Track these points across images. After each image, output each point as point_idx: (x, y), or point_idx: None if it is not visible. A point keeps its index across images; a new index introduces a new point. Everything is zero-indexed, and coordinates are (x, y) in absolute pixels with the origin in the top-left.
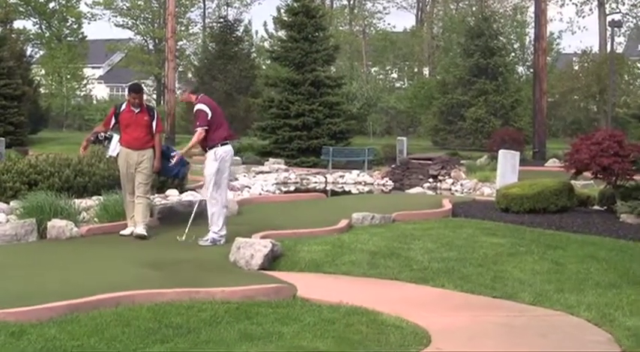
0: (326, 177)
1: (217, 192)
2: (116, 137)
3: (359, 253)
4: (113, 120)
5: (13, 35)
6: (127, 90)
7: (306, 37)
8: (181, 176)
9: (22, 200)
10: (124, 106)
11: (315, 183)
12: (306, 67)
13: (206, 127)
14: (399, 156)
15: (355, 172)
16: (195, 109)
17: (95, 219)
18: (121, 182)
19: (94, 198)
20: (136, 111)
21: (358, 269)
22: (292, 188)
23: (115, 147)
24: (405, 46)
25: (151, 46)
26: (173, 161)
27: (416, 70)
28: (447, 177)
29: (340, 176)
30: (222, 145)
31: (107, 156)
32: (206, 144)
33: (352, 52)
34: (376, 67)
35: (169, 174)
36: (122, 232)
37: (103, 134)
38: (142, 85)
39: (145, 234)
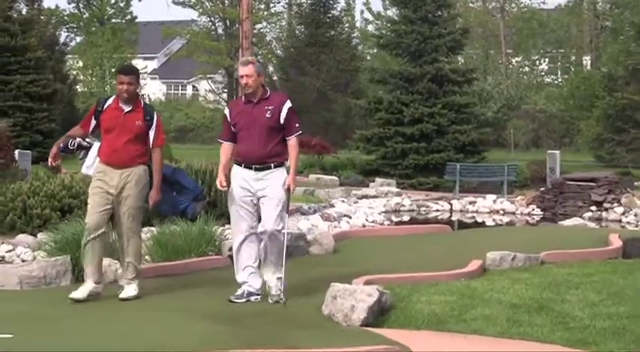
0: (451, 204)
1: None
2: (95, 148)
3: (495, 306)
4: (93, 120)
5: (42, 17)
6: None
7: (424, 18)
8: (191, 215)
9: (52, 231)
10: (110, 101)
11: (437, 211)
12: (424, 57)
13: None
14: (550, 177)
15: (491, 197)
16: (286, 108)
17: (147, 257)
18: (89, 211)
19: (145, 229)
20: (126, 109)
21: (494, 327)
22: (406, 218)
23: (92, 163)
24: (558, 28)
25: (220, 30)
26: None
27: (573, 59)
28: (615, 204)
29: (470, 202)
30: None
31: (81, 174)
32: (276, 157)
33: (487, 36)
34: (519, 56)
35: (173, 211)
36: (73, 295)
37: (76, 141)
38: (138, 69)
39: (136, 294)
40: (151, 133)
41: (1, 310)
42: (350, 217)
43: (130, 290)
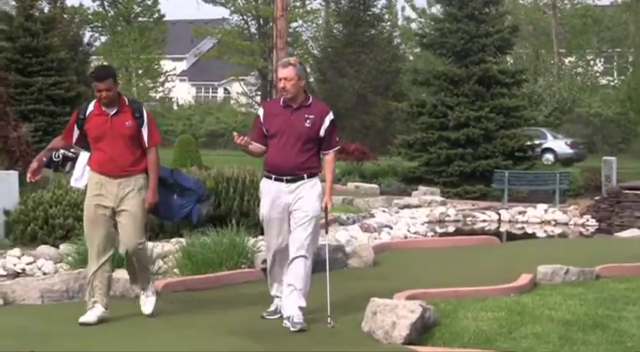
0: (499, 214)
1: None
2: (83, 157)
3: (547, 323)
4: (76, 130)
5: (65, 16)
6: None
7: (471, 15)
8: (197, 219)
9: (75, 242)
10: (91, 107)
11: (484, 221)
12: (471, 57)
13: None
14: (605, 185)
15: (542, 207)
16: (328, 120)
17: (175, 270)
18: (86, 232)
19: (174, 240)
20: (111, 112)
21: (545, 345)
22: (451, 229)
23: (82, 174)
24: (614, 26)
25: (253, 29)
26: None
27: (631, 59)
28: None
29: (520, 212)
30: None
31: (70, 188)
32: (309, 169)
33: (537, 35)
34: (572, 56)
35: (175, 216)
36: (83, 319)
37: (60, 153)
38: (113, 69)
39: (153, 311)
40: (144, 131)
41: (21, 326)
42: (391, 228)
43: (149, 305)
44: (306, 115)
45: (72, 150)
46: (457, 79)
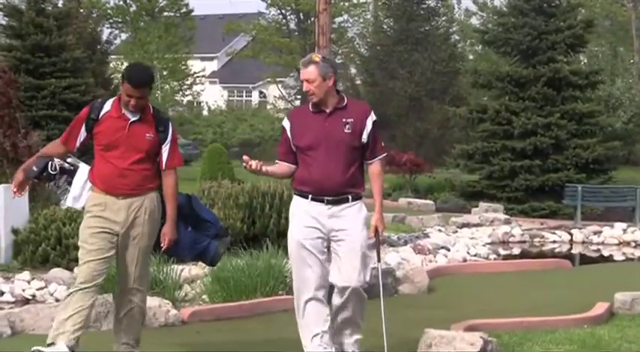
0: (571, 234)
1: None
2: (83, 170)
3: None
4: (83, 133)
5: (81, 11)
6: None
7: (539, 8)
8: (213, 257)
9: None
10: (107, 106)
11: (554, 242)
12: (539, 56)
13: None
14: None
15: (620, 226)
16: (370, 122)
17: (203, 297)
18: (84, 256)
19: (202, 264)
20: (132, 118)
21: None
22: (517, 251)
23: (81, 191)
24: None
25: (292, 25)
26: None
27: None
28: None
29: (595, 232)
30: None
31: (63, 207)
32: (355, 188)
33: (615, 31)
34: None
35: (187, 254)
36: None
37: (56, 163)
38: (153, 73)
39: None
40: (165, 150)
41: None
42: (448, 249)
43: None
44: (344, 119)
45: (68, 160)
46: (523, 81)
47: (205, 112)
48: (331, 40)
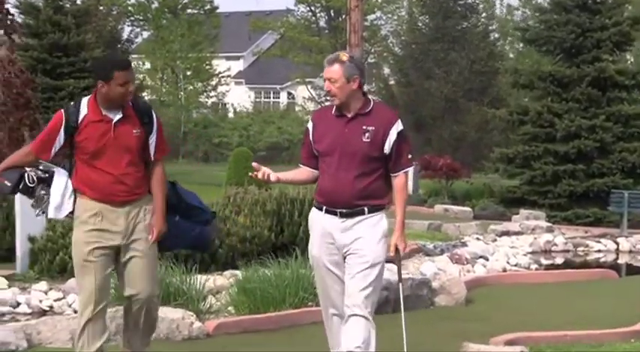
0: (618, 243)
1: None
2: (60, 176)
3: None
4: (62, 138)
5: (100, 8)
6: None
7: (583, 5)
8: (205, 243)
9: (112, 275)
10: (84, 109)
11: (599, 252)
12: (583, 55)
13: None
14: None
15: None
16: (394, 132)
17: (229, 309)
18: (86, 278)
19: (228, 273)
20: (115, 118)
21: None
22: (559, 260)
23: (62, 199)
24: None
25: (322, 23)
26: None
27: None
28: None
29: None
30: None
31: (37, 216)
32: (372, 199)
33: None
34: None
35: (180, 245)
36: None
37: (33, 174)
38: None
39: None
40: (152, 140)
41: None
42: (487, 259)
43: None
44: (364, 127)
45: (41, 167)
46: (566, 81)
47: (231, 114)
48: (363, 39)
